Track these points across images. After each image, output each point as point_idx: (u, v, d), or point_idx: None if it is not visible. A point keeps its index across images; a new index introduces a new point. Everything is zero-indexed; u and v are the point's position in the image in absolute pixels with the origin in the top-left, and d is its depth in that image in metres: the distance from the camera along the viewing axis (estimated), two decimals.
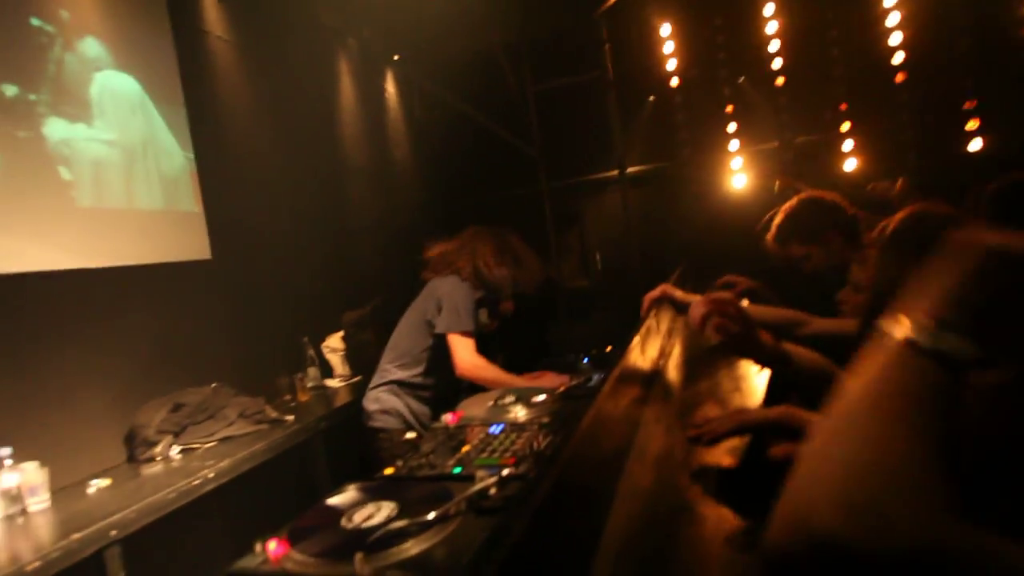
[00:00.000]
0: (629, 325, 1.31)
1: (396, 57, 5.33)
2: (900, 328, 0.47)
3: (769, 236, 2.09)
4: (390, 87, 5.33)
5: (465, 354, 2.34)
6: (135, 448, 2.43)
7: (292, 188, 3.77)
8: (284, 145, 3.76)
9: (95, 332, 2.46)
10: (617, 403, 0.73)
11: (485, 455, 1.49)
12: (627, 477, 0.79)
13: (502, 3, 4.55)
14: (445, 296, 2.44)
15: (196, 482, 2.11)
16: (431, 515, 1.17)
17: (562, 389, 1.71)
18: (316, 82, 4.28)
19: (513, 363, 2.56)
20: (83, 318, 2.42)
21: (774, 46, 4.86)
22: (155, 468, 2.31)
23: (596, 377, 1.87)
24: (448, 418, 1.95)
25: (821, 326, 1.56)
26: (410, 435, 1.81)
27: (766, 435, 0.72)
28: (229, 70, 3.49)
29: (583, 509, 0.43)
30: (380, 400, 2.48)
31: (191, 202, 3.10)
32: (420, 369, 2.49)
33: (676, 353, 1.40)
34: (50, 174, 2.41)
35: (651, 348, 1.22)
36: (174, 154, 3.04)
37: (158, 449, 2.39)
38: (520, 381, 2.26)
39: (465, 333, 2.38)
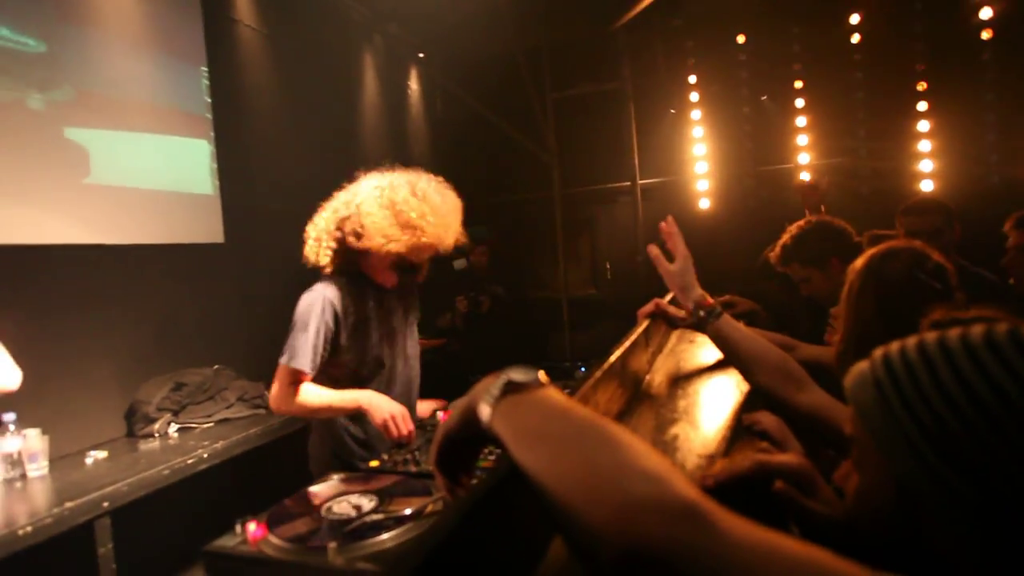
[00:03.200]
0: None
1: (421, 55, 5.38)
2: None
3: (774, 254, 2.09)
4: (413, 84, 5.38)
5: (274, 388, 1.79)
6: (135, 423, 2.49)
7: (310, 178, 3.79)
8: (305, 135, 3.81)
9: (105, 307, 2.51)
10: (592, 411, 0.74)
11: (482, 459, 1.51)
12: None
13: (526, 10, 4.59)
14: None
15: (190, 461, 2.15)
16: (408, 510, 1.20)
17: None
18: (341, 75, 4.34)
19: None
20: (95, 293, 2.48)
21: (797, 66, 4.84)
22: (152, 444, 2.36)
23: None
24: (440, 416, 1.97)
25: (807, 352, 1.57)
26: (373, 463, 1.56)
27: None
28: (256, 58, 3.55)
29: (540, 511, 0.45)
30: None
31: (208, 185, 3.16)
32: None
33: (663, 368, 1.42)
34: (71, 150, 2.48)
35: (635, 361, 1.23)
36: (195, 137, 3.10)
37: (157, 426, 2.44)
38: (344, 399, 1.75)
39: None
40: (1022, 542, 0.48)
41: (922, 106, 4.52)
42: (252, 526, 1.18)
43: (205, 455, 2.22)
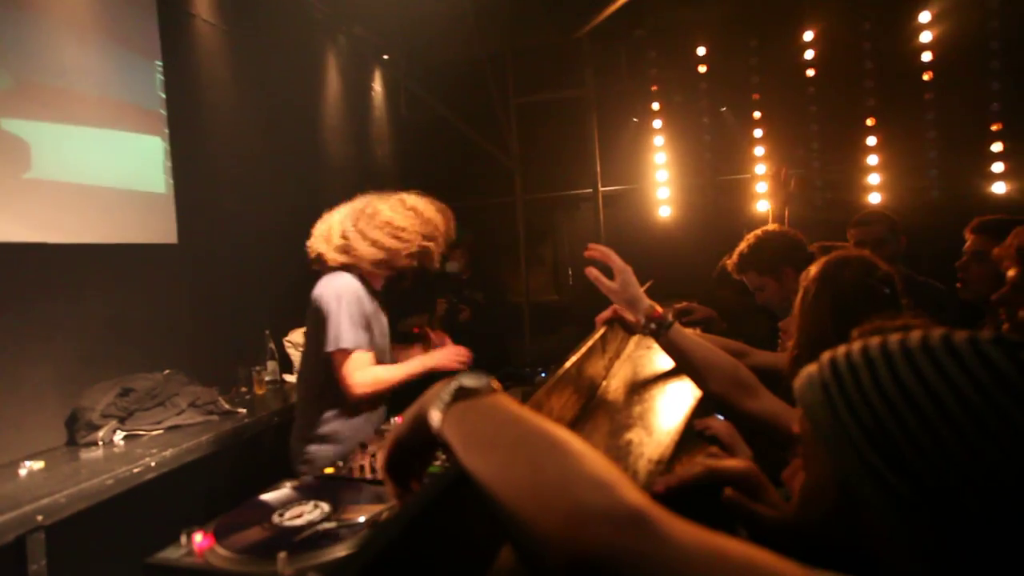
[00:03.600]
0: None
1: (385, 57, 5.34)
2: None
3: (730, 263, 2.14)
4: (377, 86, 5.33)
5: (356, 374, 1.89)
6: (76, 431, 2.37)
7: (269, 179, 3.74)
8: (264, 135, 3.72)
9: (46, 309, 2.40)
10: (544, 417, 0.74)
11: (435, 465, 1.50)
12: None
13: (491, 14, 4.60)
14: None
15: (136, 470, 2.07)
16: (361, 518, 1.18)
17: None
18: (303, 75, 4.26)
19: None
20: (34, 294, 2.36)
21: (755, 79, 4.99)
22: (95, 453, 2.26)
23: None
24: (396, 421, 1.95)
25: (761, 359, 1.61)
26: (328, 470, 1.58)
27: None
28: (214, 54, 3.46)
29: (488, 518, 0.44)
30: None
31: (161, 184, 3.06)
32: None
33: (620, 374, 1.43)
34: (9, 142, 2.36)
35: (592, 367, 1.24)
36: (147, 134, 3.00)
37: (100, 434, 2.33)
38: (402, 370, 1.95)
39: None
40: (954, 542, 0.49)
41: (870, 121, 4.71)
42: (198, 537, 1.14)
43: (153, 463, 2.14)
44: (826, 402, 0.57)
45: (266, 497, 1.35)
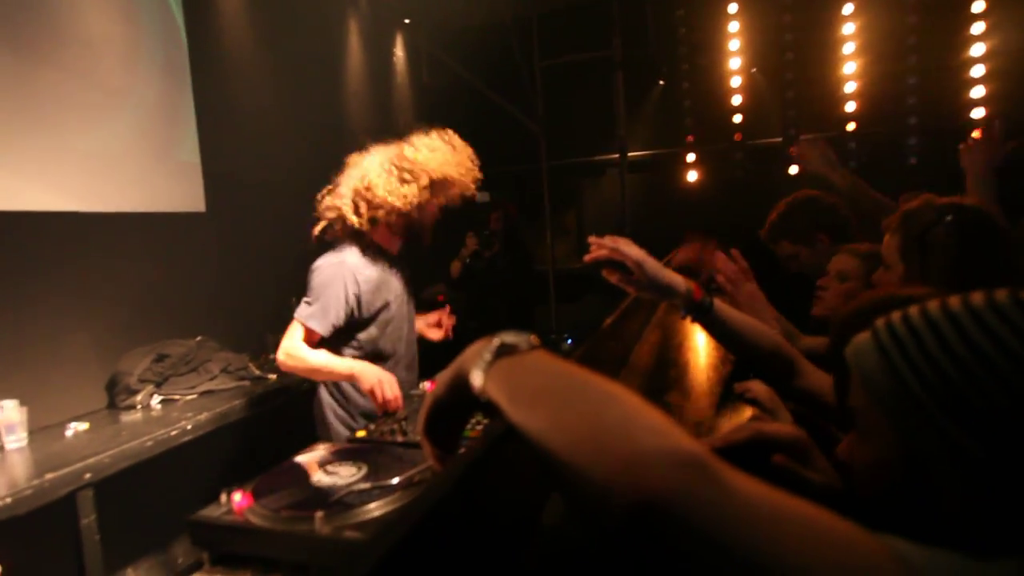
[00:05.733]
0: None
1: (407, 21, 5.24)
2: None
3: (762, 232, 2.07)
4: (399, 51, 5.25)
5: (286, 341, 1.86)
6: (116, 395, 2.45)
7: (293, 146, 3.74)
8: (288, 102, 3.71)
9: (84, 277, 2.46)
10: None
11: (467, 429, 1.51)
12: None
13: None
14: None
15: (174, 432, 2.13)
16: (395, 480, 1.19)
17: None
18: (324, 39, 4.21)
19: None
20: (73, 262, 2.42)
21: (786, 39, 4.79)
22: (134, 416, 2.33)
23: None
24: (426, 386, 1.97)
25: (806, 344, 1.53)
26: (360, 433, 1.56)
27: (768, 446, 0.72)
28: (236, 21, 3.43)
29: (531, 478, 0.44)
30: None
31: (189, 153, 3.07)
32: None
33: (652, 339, 1.41)
34: (48, 115, 2.38)
35: (622, 332, 1.22)
36: (176, 103, 3.00)
37: (139, 397, 2.41)
38: (326, 361, 1.83)
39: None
40: (1020, 502, 0.48)
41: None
42: (238, 496, 1.17)
43: (189, 427, 2.20)
44: (887, 368, 0.56)
45: (302, 459, 1.37)
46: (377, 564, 0.34)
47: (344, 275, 1.87)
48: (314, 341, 1.86)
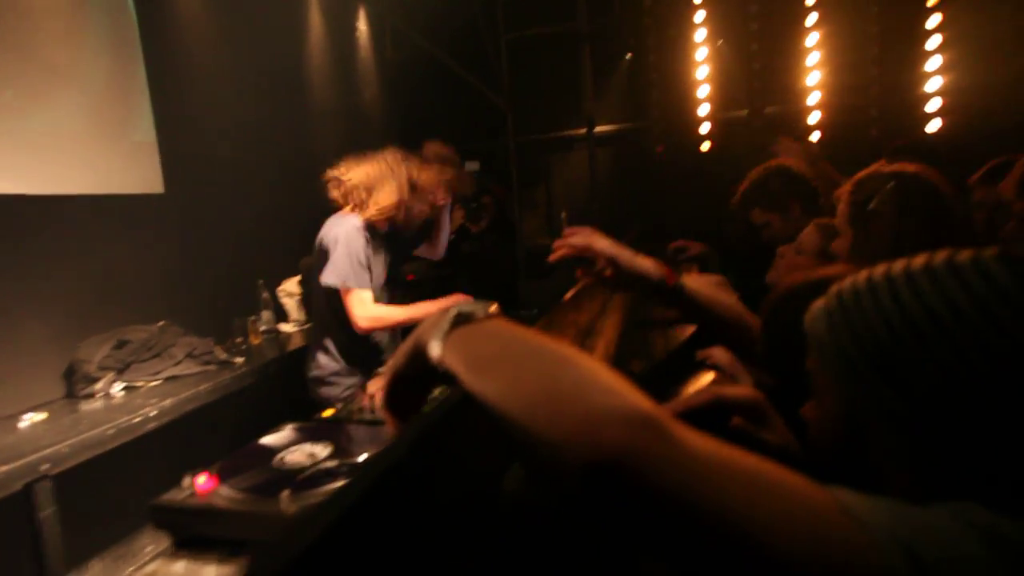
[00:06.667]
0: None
1: None
2: None
3: (733, 200, 2.09)
4: (362, 25, 5.11)
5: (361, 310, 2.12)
6: (75, 383, 2.38)
7: (254, 123, 3.63)
8: (247, 77, 3.59)
9: (37, 262, 2.36)
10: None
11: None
12: None
13: None
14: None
15: (136, 420, 2.08)
16: (363, 457, 1.18)
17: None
18: (284, 13, 4.07)
19: None
20: (24, 247, 2.31)
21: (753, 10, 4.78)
22: (95, 404, 2.27)
23: None
24: None
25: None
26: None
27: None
28: None
29: (490, 444, 0.43)
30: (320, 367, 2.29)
31: (144, 132, 2.96)
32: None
33: (617, 308, 1.42)
34: None
35: (587, 304, 1.22)
36: (128, 81, 2.88)
37: (99, 385, 2.34)
38: (420, 311, 2.13)
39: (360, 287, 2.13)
40: (951, 455, 0.51)
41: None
42: (202, 478, 1.15)
43: (153, 413, 2.15)
44: (830, 329, 0.58)
45: (267, 440, 1.35)
46: (323, 532, 0.33)
47: (359, 237, 2.15)
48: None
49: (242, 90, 3.55)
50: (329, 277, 2.09)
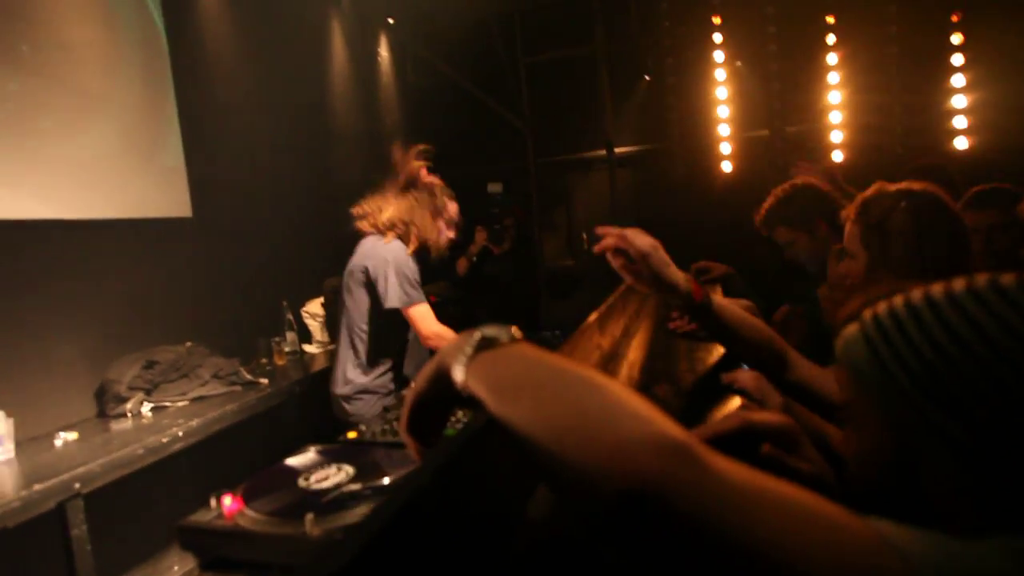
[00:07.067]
0: None
1: (390, 20, 5.22)
2: None
3: (758, 218, 2.06)
4: (383, 51, 5.23)
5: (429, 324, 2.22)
6: (105, 403, 2.43)
7: (278, 148, 3.72)
8: (272, 103, 3.69)
9: (69, 284, 2.43)
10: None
11: (450, 427, 1.51)
12: None
13: None
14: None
15: (165, 440, 2.11)
16: (386, 480, 1.19)
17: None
18: (307, 40, 4.19)
19: None
20: (57, 270, 2.39)
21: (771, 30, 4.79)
22: (125, 424, 2.31)
23: None
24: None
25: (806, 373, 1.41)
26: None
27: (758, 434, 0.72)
28: (217, 23, 3.41)
29: (515, 470, 0.43)
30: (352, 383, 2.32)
31: (173, 157, 3.05)
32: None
33: (641, 331, 1.41)
34: (28, 121, 2.35)
35: (611, 324, 1.22)
36: (158, 108, 2.98)
37: (129, 405, 2.38)
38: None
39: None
40: (1013, 484, 0.49)
41: (957, 38, 4.27)
42: (227, 500, 1.16)
43: (180, 433, 2.18)
44: (872, 357, 0.56)
45: (292, 462, 1.36)
46: (351, 560, 0.34)
47: (408, 258, 2.24)
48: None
49: (267, 116, 3.64)
50: (393, 300, 2.18)
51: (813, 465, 0.68)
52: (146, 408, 2.43)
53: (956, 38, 4.33)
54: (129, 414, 2.38)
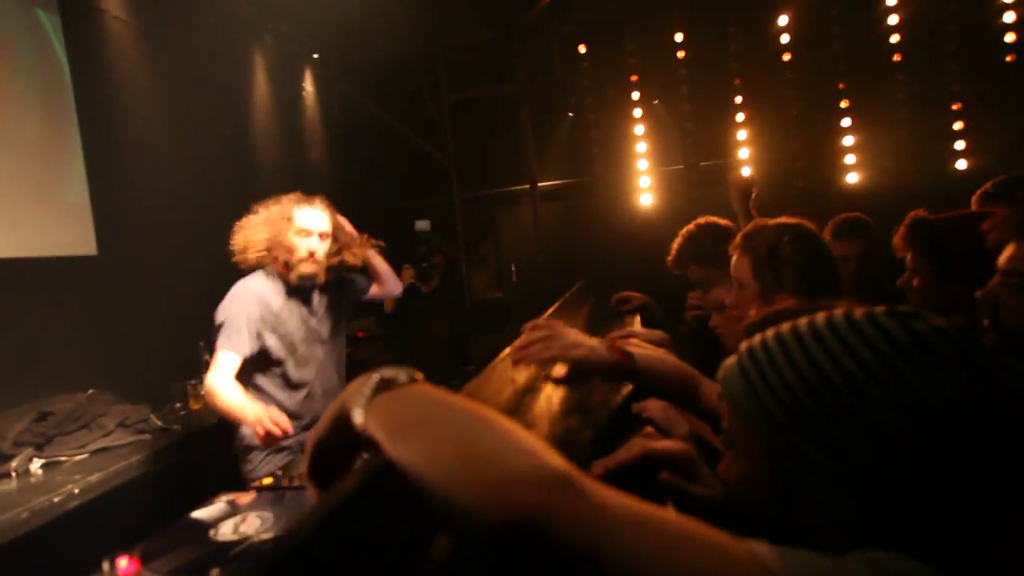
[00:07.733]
0: None
1: (315, 56, 5.19)
2: None
3: (669, 259, 2.11)
4: (308, 86, 5.18)
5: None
6: None
7: (195, 183, 3.57)
8: (191, 137, 3.55)
9: None
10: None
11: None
12: None
13: (419, 11, 4.55)
14: None
15: (57, 499, 1.93)
16: None
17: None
18: (228, 75, 4.09)
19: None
20: None
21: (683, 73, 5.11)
22: (8, 485, 2.09)
23: None
24: None
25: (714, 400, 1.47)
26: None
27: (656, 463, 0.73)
28: (127, 54, 3.27)
29: (418, 513, 0.43)
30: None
31: (76, 193, 2.87)
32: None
33: (559, 365, 1.43)
34: None
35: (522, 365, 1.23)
36: (59, 142, 2.81)
37: (14, 464, 2.17)
38: (235, 403, 1.93)
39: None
40: (874, 508, 0.52)
41: (844, 103, 4.83)
42: (123, 562, 1.08)
43: (76, 491, 2.00)
44: (747, 388, 0.59)
45: (199, 514, 1.28)
46: None
47: (246, 297, 2.03)
48: (236, 369, 1.99)
49: (185, 150, 3.51)
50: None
51: (708, 489, 0.71)
52: (36, 465, 2.22)
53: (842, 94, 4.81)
54: (14, 473, 2.16)
